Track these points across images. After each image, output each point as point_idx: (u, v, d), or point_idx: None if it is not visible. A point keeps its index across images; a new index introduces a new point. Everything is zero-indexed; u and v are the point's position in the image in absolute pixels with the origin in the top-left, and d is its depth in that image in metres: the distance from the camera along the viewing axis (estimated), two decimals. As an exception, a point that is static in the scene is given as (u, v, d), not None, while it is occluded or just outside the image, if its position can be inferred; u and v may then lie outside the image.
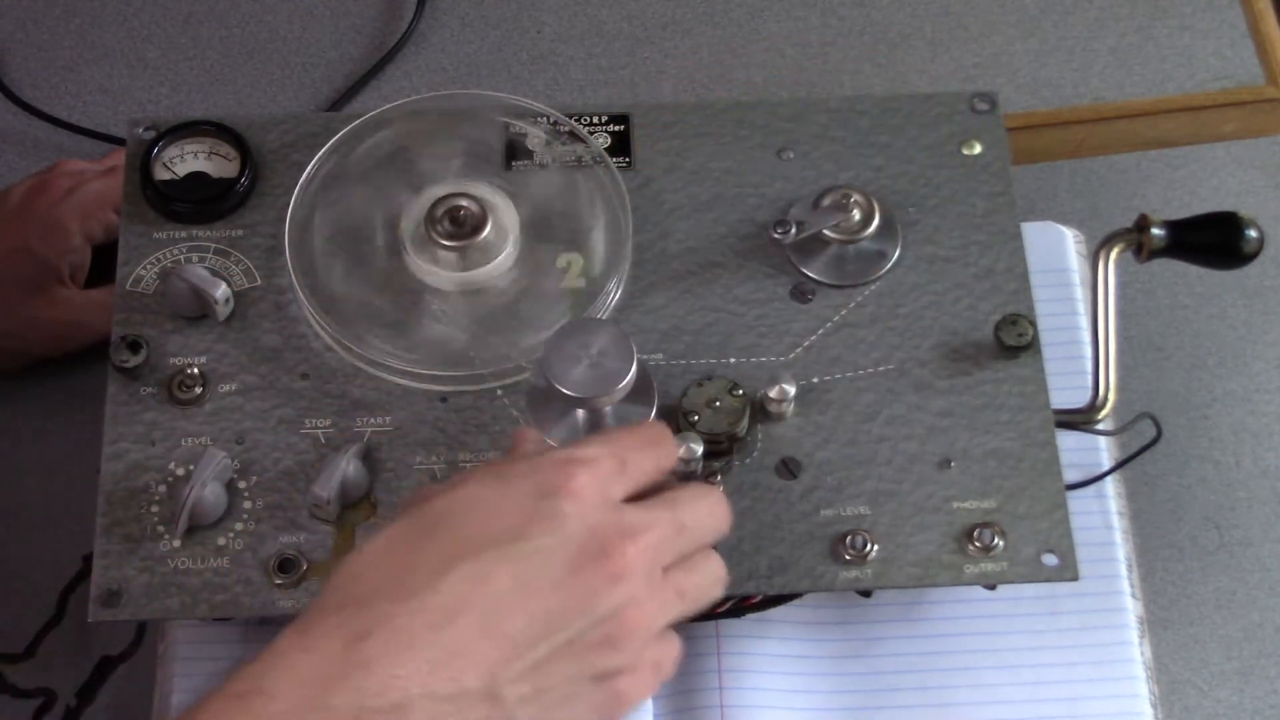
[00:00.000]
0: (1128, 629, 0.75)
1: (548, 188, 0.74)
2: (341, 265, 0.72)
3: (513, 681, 0.53)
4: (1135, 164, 0.92)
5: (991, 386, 0.71)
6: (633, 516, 0.56)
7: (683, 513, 0.58)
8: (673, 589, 0.57)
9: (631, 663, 0.56)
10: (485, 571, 0.53)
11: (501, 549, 0.54)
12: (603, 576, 0.54)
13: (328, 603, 0.54)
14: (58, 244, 0.81)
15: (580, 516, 0.55)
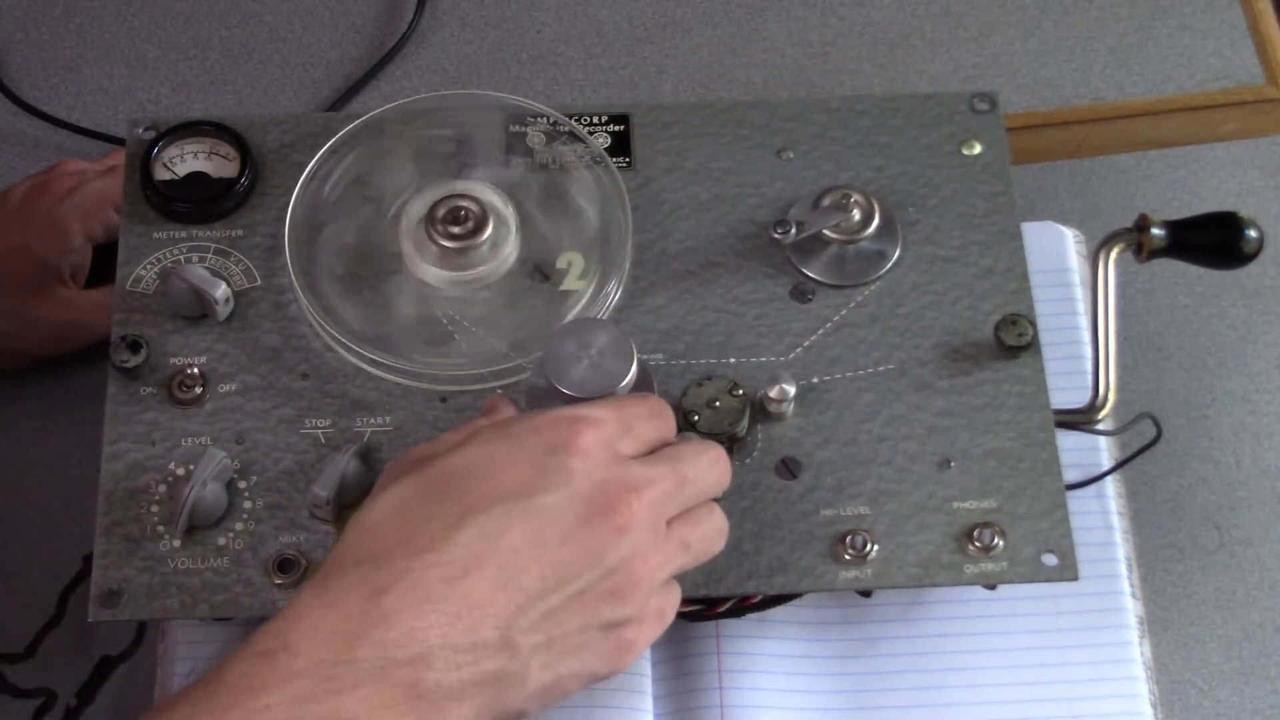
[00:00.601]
0: (1128, 629, 0.75)
1: (548, 188, 0.74)
2: (341, 266, 0.72)
3: (526, 631, 0.55)
4: (1135, 164, 0.92)
5: (991, 386, 0.71)
6: (637, 470, 0.58)
7: (685, 466, 0.60)
8: (677, 541, 0.59)
9: (638, 612, 0.58)
10: (498, 526, 0.55)
11: (512, 504, 0.56)
12: (610, 529, 0.56)
13: (344, 559, 0.55)
14: (58, 244, 0.81)
15: (587, 472, 0.57)
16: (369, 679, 0.52)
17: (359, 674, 0.52)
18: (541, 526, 0.56)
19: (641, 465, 0.59)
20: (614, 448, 0.59)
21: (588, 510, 0.56)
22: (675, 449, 0.61)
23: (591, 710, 0.72)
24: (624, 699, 0.72)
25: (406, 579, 0.54)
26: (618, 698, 0.72)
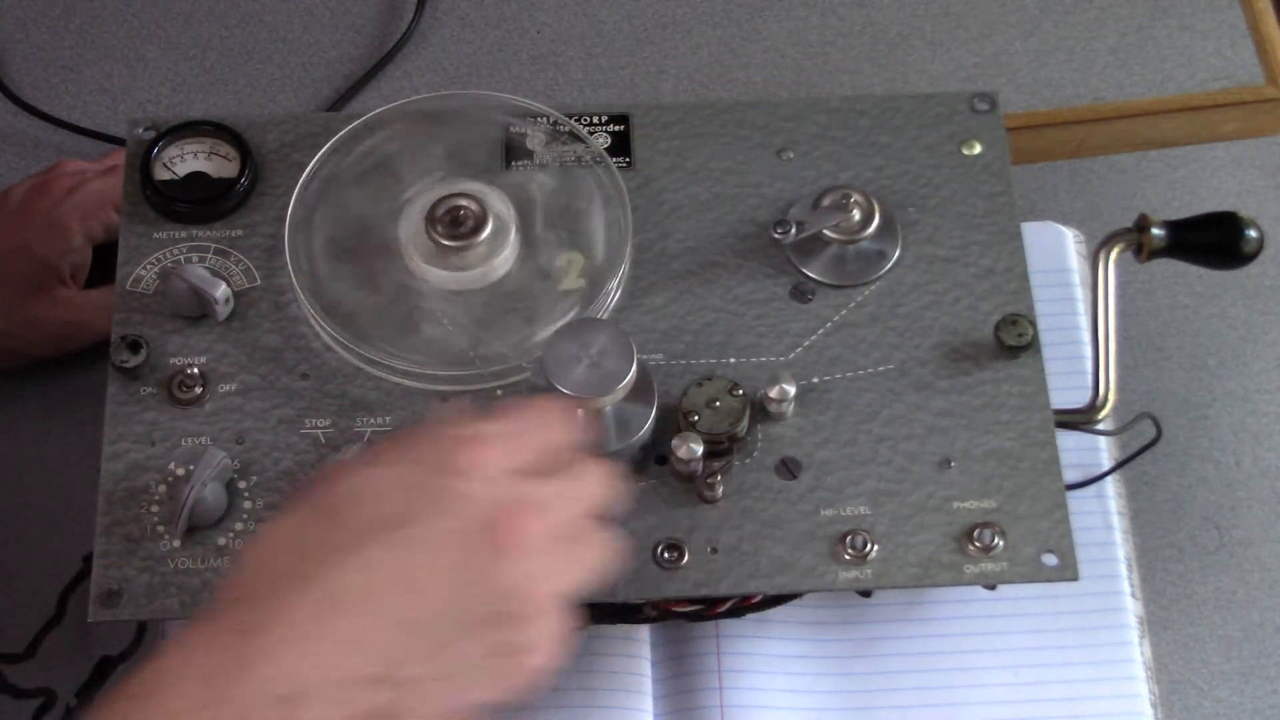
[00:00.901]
0: (1128, 629, 0.75)
1: (548, 188, 0.74)
2: (341, 265, 0.72)
3: (412, 664, 0.53)
4: (1135, 164, 0.92)
5: (991, 386, 0.71)
6: (524, 491, 0.56)
7: (573, 486, 0.58)
8: (569, 559, 0.57)
9: (535, 637, 0.56)
10: (379, 558, 0.53)
11: (394, 534, 0.53)
12: (497, 553, 0.54)
13: (225, 596, 0.54)
14: (58, 244, 0.81)
15: (471, 495, 0.55)
16: (256, 707, 0.50)
17: (234, 713, 0.50)
18: (423, 556, 0.53)
19: (529, 485, 0.56)
20: (504, 465, 0.56)
21: (473, 534, 0.54)
22: (564, 469, 0.59)
23: (591, 710, 0.72)
24: (624, 699, 0.73)
25: (283, 616, 0.52)
26: (618, 698, 0.73)
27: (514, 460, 0.57)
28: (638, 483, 0.68)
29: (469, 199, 0.71)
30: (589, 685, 0.73)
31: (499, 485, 0.56)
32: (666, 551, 0.67)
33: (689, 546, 0.67)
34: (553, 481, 0.58)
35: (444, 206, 0.71)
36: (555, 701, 0.72)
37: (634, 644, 0.74)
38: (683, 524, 0.68)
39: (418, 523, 0.54)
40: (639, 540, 0.67)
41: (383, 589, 0.53)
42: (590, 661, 0.73)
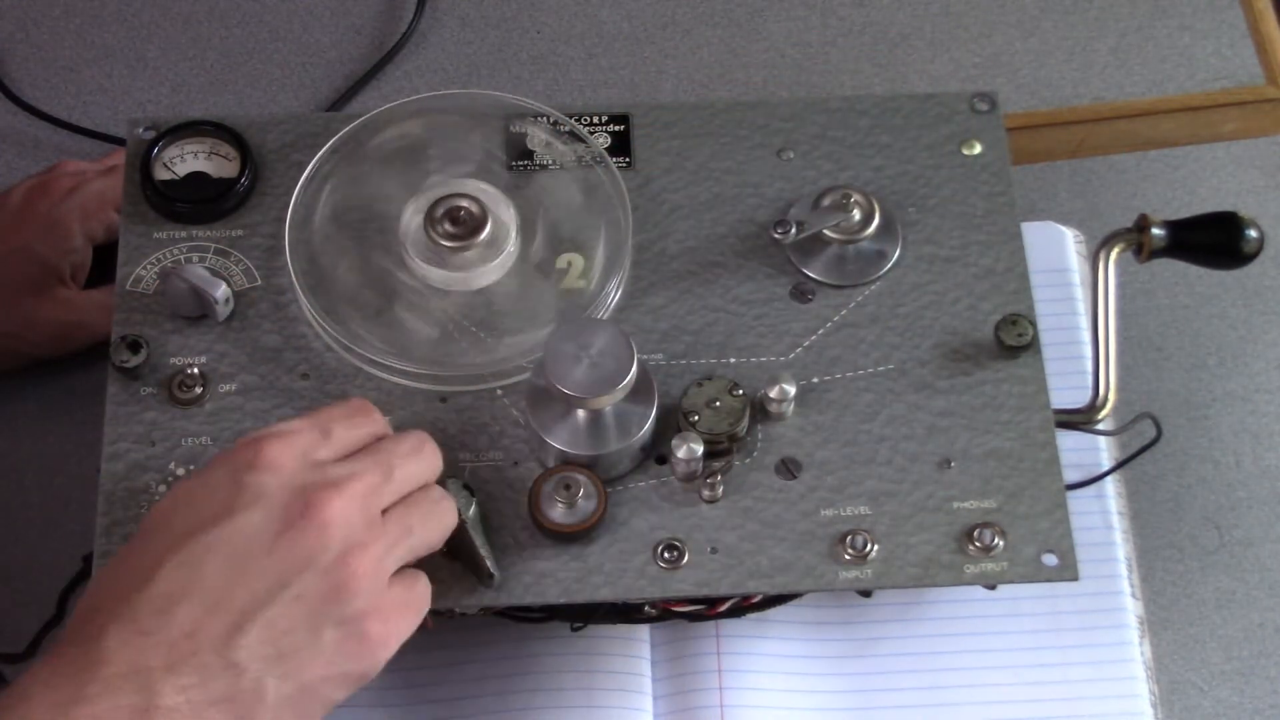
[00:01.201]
0: (1128, 629, 0.75)
1: (548, 188, 0.74)
2: (342, 266, 0.72)
3: (249, 648, 0.56)
4: (1135, 164, 0.92)
5: (991, 386, 0.71)
6: (335, 470, 0.59)
7: (387, 457, 0.61)
8: (396, 527, 0.60)
9: (372, 605, 0.58)
10: (196, 555, 0.57)
11: (206, 533, 0.57)
12: (313, 530, 0.57)
13: (74, 622, 0.57)
14: (59, 244, 0.81)
15: (280, 484, 0.58)
16: (103, 708, 0.53)
17: (92, 707, 0.53)
18: (241, 545, 0.57)
19: (340, 465, 0.60)
20: (309, 456, 0.60)
21: (286, 516, 0.57)
22: (376, 444, 0.62)
23: (591, 710, 0.72)
24: (624, 699, 0.73)
25: (118, 620, 0.55)
26: (617, 698, 0.73)
27: (323, 449, 0.60)
28: (638, 483, 0.68)
29: (469, 199, 0.71)
30: (589, 685, 0.73)
31: (309, 471, 0.59)
32: (666, 551, 0.67)
33: (689, 546, 0.67)
34: (363, 458, 0.61)
35: (444, 207, 0.71)
36: (555, 702, 0.72)
37: (634, 644, 0.74)
38: (683, 524, 0.68)
39: (232, 515, 0.57)
40: (639, 540, 0.67)
41: (210, 580, 0.56)
42: (590, 661, 0.73)
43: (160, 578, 0.56)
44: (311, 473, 0.59)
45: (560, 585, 0.66)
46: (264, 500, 0.58)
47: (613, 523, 0.67)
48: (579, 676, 0.73)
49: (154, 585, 0.56)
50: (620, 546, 0.67)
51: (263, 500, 0.58)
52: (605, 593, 0.66)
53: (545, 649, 0.74)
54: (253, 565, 0.57)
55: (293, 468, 0.59)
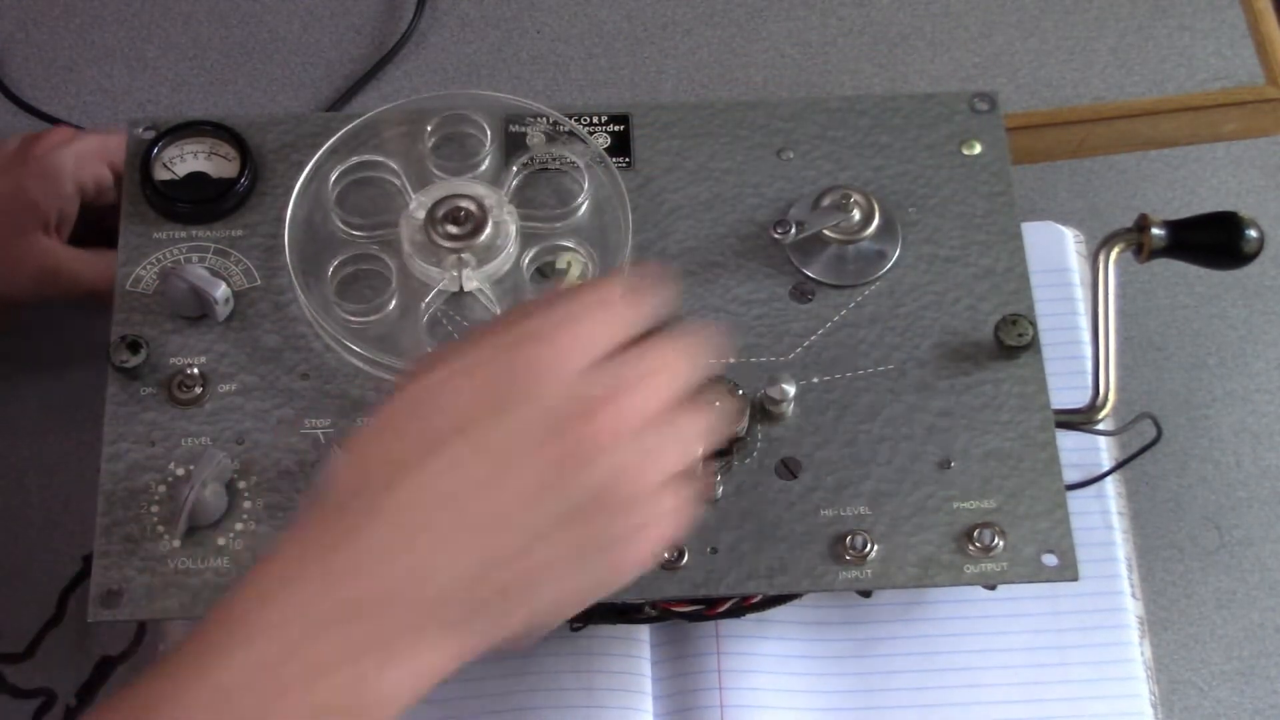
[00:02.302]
0: (1128, 629, 0.75)
1: (548, 188, 0.74)
2: (341, 265, 0.72)
3: (514, 557, 0.53)
4: (1135, 164, 0.92)
5: (991, 386, 0.71)
6: (602, 378, 0.54)
7: (653, 362, 0.56)
8: (663, 438, 0.55)
9: (641, 518, 0.55)
10: (462, 459, 0.53)
11: (476, 435, 0.53)
12: (584, 443, 0.53)
13: (321, 503, 0.54)
14: (49, 187, 0.80)
15: (550, 390, 0.54)
16: (350, 617, 0.51)
17: (339, 613, 0.51)
18: (509, 453, 0.53)
19: (606, 372, 0.55)
20: (573, 359, 0.54)
21: (557, 427, 0.53)
22: (640, 348, 0.56)
23: (591, 710, 0.72)
24: (624, 699, 0.73)
25: (379, 518, 0.52)
26: (618, 698, 0.73)
27: (585, 351, 0.55)
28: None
29: (469, 200, 0.71)
30: (589, 685, 0.73)
31: (574, 378, 0.54)
32: (666, 552, 0.67)
33: (689, 546, 0.67)
34: (629, 364, 0.55)
35: (444, 207, 0.71)
36: (555, 701, 0.72)
37: (634, 644, 0.74)
38: (683, 524, 0.67)
39: (500, 419, 0.53)
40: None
41: (477, 485, 0.53)
42: (590, 661, 0.73)
43: (426, 481, 0.52)
44: (578, 381, 0.54)
45: (560, 585, 0.66)
46: (534, 408, 0.53)
47: (613, 523, 0.67)
48: (579, 676, 0.73)
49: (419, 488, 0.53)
50: (620, 546, 0.67)
51: (532, 408, 0.53)
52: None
53: (545, 649, 0.74)
54: (520, 474, 0.53)
55: (560, 373, 0.54)
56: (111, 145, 0.81)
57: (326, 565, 0.52)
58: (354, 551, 0.52)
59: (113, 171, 0.81)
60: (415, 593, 0.52)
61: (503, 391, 0.54)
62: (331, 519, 0.53)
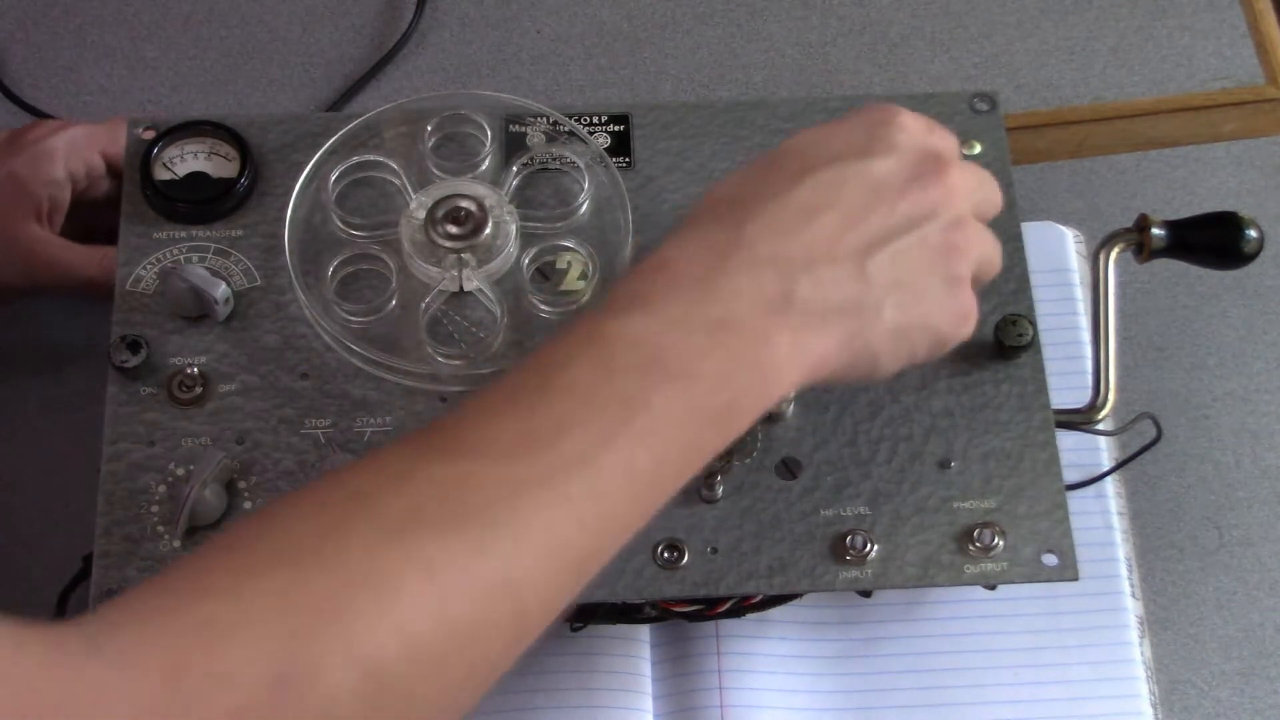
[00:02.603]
0: (1128, 629, 0.75)
1: (548, 188, 0.74)
2: (341, 265, 0.72)
3: (877, 266, 0.59)
4: (1135, 164, 0.92)
5: (991, 386, 0.71)
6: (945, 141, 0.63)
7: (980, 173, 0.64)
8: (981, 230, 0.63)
9: (969, 277, 0.61)
10: (837, 178, 0.60)
11: (848, 162, 0.60)
12: (938, 187, 0.60)
13: (699, 216, 0.60)
14: (41, 171, 0.80)
15: (909, 143, 0.61)
16: (745, 281, 0.56)
17: (735, 279, 0.56)
18: (877, 179, 0.60)
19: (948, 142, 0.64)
20: (924, 130, 0.63)
21: (917, 170, 0.60)
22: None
23: (591, 710, 0.72)
24: (624, 699, 0.73)
25: (762, 215, 0.58)
26: (617, 698, 0.73)
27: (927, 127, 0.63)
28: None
29: (469, 199, 0.71)
30: (589, 685, 0.73)
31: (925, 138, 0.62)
32: (666, 551, 0.67)
33: (689, 546, 0.67)
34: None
35: (444, 207, 0.71)
36: (555, 702, 0.72)
37: (634, 644, 0.74)
38: (683, 524, 0.68)
39: (870, 156, 0.60)
40: (639, 540, 0.67)
41: (848, 200, 0.59)
42: (590, 661, 0.73)
43: (801, 189, 0.59)
44: (932, 140, 0.62)
45: (560, 585, 0.66)
46: (898, 152, 0.60)
47: (613, 523, 0.67)
48: (579, 676, 0.73)
49: (794, 194, 0.59)
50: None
51: (896, 152, 0.60)
52: (604, 593, 0.66)
53: (545, 649, 0.74)
54: (886, 199, 0.59)
55: (919, 131, 0.62)
56: (102, 134, 0.81)
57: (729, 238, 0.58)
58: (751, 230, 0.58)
59: (104, 159, 0.81)
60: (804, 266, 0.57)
61: (874, 136, 0.61)
62: (723, 213, 0.59)
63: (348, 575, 0.48)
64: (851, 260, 0.58)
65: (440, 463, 0.52)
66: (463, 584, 0.49)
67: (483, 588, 0.50)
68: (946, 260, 0.60)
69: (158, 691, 0.44)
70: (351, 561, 0.48)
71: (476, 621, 0.49)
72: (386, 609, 0.48)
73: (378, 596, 0.48)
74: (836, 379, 0.59)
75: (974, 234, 0.62)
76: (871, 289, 0.58)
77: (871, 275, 0.58)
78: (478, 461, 0.52)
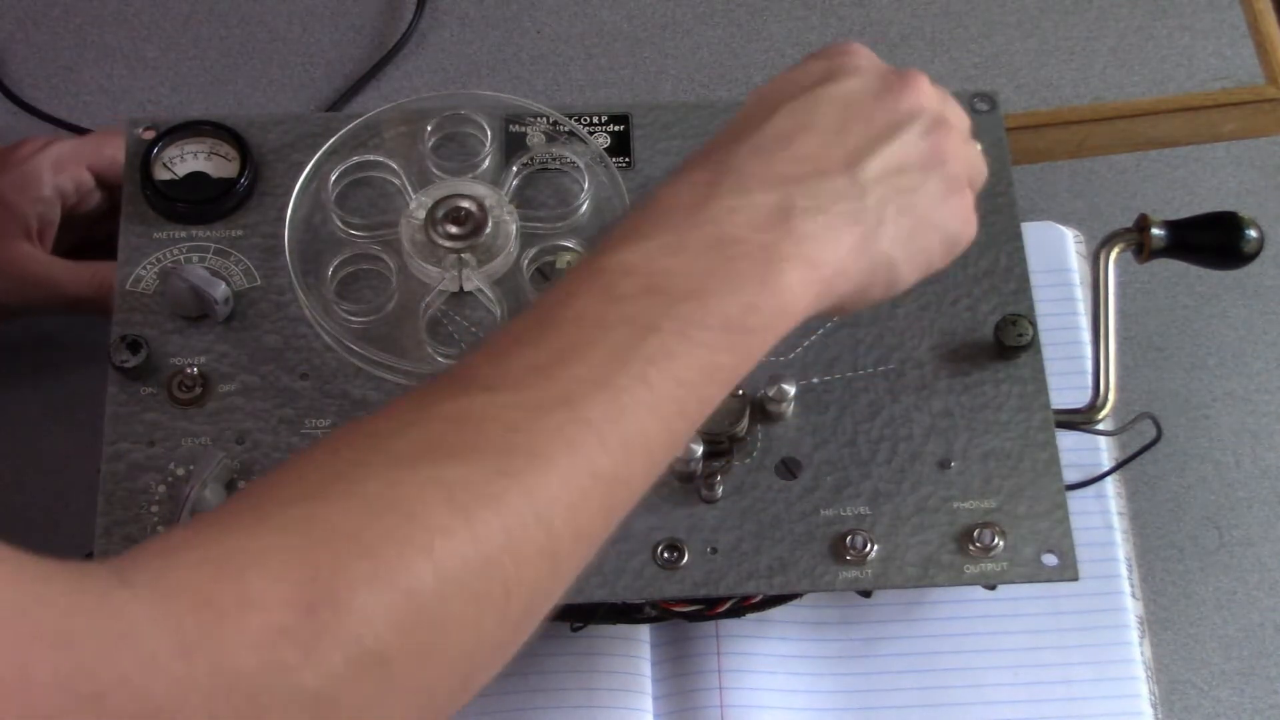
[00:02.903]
0: (1128, 629, 0.75)
1: (548, 188, 0.74)
2: (341, 265, 0.72)
3: (869, 175, 0.59)
4: (1135, 164, 0.92)
5: (991, 386, 0.71)
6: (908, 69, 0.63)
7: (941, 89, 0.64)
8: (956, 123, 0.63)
9: (965, 177, 0.62)
10: (810, 102, 0.60)
11: (816, 90, 0.60)
12: (910, 92, 0.61)
13: (682, 165, 0.59)
14: (28, 191, 0.80)
15: (870, 64, 0.62)
16: (739, 201, 0.56)
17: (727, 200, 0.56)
18: (848, 97, 0.60)
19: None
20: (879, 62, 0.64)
21: (884, 83, 0.61)
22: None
23: (591, 710, 0.72)
24: (624, 699, 0.73)
25: (742, 150, 0.58)
26: (617, 698, 0.73)
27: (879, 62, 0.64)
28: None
29: (469, 199, 0.71)
30: (589, 685, 0.73)
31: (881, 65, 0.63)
32: (666, 551, 0.67)
33: (689, 546, 0.67)
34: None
35: (444, 207, 0.71)
36: (555, 702, 0.72)
37: (634, 644, 0.74)
38: (683, 524, 0.68)
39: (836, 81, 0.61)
40: (639, 540, 0.67)
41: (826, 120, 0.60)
42: (590, 661, 0.73)
43: (776, 119, 0.59)
44: (890, 69, 0.63)
45: (560, 585, 0.66)
46: (861, 73, 0.61)
47: (613, 523, 0.67)
48: (579, 676, 0.73)
49: (771, 126, 0.59)
50: (619, 546, 0.67)
51: (860, 73, 0.61)
52: (604, 593, 0.66)
53: (545, 649, 0.74)
54: (861, 113, 0.60)
55: (874, 61, 0.63)
56: (88, 148, 0.81)
57: (715, 172, 0.57)
58: (734, 160, 0.58)
59: (92, 174, 0.81)
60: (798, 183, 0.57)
61: (828, 70, 0.62)
62: (699, 159, 0.59)
63: (368, 504, 0.47)
64: (842, 171, 0.58)
65: (452, 400, 0.51)
66: (487, 506, 0.48)
67: (510, 510, 0.49)
68: (937, 160, 0.60)
69: (187, 618, 0.43)
70: (371, 492, 0.48)
71: (506, 544, 0.48)
72: (412, 533, 0.47)
73: (401, 521, 0.47)
74: (861, 294, 0.59)
75: (956, 136, 0.62)
76: (868, 194, 0.58)
77: (865, 182, 0.58)
78: (490, 394, 0.51)
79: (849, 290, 0.58)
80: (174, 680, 0.42)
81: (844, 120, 0.59)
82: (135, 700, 0.41)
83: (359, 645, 0.45)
